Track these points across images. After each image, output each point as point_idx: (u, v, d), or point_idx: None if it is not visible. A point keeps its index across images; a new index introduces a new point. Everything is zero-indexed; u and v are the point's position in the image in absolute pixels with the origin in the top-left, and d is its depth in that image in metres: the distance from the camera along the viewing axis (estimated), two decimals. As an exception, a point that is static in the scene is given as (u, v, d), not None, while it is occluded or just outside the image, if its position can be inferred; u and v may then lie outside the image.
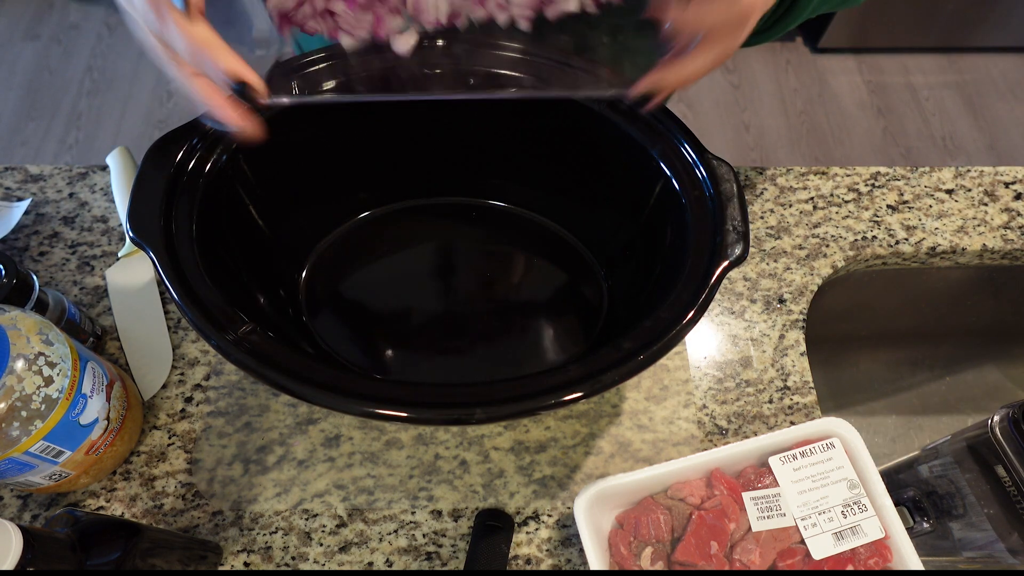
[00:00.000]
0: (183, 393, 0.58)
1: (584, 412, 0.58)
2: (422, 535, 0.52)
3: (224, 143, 0.49)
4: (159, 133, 1.74)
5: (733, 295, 0.64)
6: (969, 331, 0.82)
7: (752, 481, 0.50)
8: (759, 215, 0.69)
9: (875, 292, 0.73)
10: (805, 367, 0.60)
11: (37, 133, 1.83)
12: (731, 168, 0.49)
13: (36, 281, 0.54)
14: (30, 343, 0.44)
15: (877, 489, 0.49)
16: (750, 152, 1.83)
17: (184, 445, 0.55)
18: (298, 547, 0.52)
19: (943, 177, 0.72)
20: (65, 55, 1.98)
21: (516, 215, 0.66)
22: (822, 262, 0.66)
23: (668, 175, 0.50)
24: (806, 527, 0.48)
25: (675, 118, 0.51)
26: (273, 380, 0.39)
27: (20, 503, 0.53)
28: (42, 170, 0.70)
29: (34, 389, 0.43)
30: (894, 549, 0.48)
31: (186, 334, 0.61)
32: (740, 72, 1.99)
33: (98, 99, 1.89)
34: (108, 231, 0.66)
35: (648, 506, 0.49)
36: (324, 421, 0.57)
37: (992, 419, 0.50)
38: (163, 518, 0.52)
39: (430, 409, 0.39)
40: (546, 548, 0.52)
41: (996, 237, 0.68)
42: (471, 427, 0.57)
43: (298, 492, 0.54)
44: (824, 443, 0.51)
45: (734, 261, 0.45)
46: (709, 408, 0.58)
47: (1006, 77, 1.98)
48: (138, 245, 0.43)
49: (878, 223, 0.69)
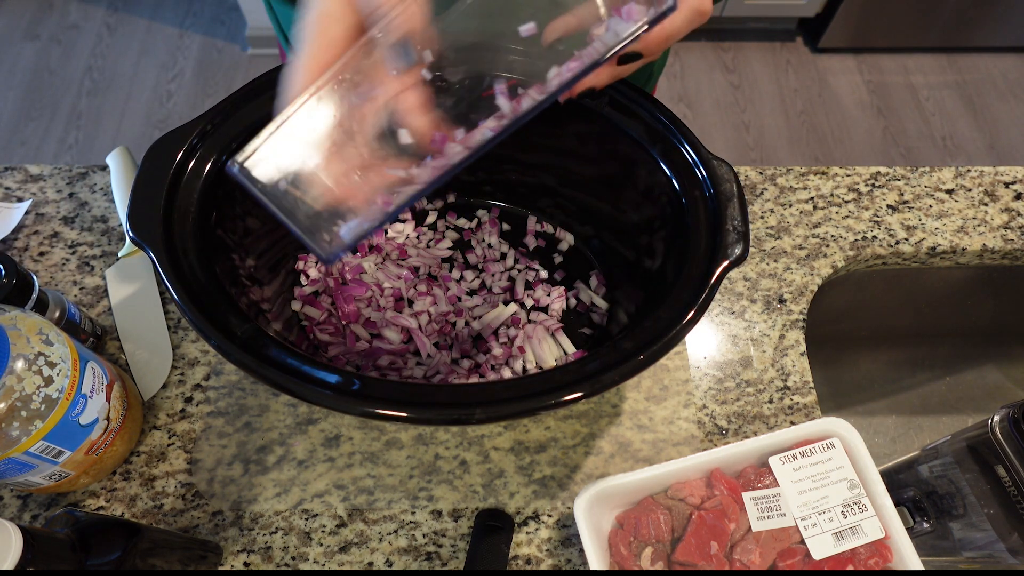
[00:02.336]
0: (183, 393, 0.58)
1: (584, 412, 0.58)
2: (422, 535, 0.52)
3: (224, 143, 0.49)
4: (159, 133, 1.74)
5: (733, 295, 0.64)
6: (969, 331, 0.82)
7: (752, 481, 0.50)
8: (759, 215, 0.69)
9: (875, 292, 0.73)
10: (805, 367, 0.60)
11: (37, 133, 1.83)
12: (731, 168, 0.49)
13: (36, 281, 0.54)
14: (30, 343, 0.44)
15: (877, 489, 0.49)
16: (750, 152, 1.83)
17: (184, 445, 0.55)
18: (298, 547, 0.52)
19: (943, 177, 0.72)
20: (65, 55, 1.98)
21: (515, 215, 0.66)
22: (822, 262, 0.66)
23: (668, 175, 0.50)
24: (806, 527, 0.48)
25: (675, 118, 0.51)
26: (273, 380, 0.39)
27: (20, 503, 0.53)
28: (42, 170, 0.70)
29: (34, 389, 0.43)
30: (894, 549, 0.48)
31: (186, 334, 0.61)
32: (740, 72, 1.99)
33: (98, 99, 1.89)
34: (108, 231, 0.66)
35: (648, 506, 0.49)
36: (324, 421, 0.57)
37: (992, 419, 0.50)
38: (163, 518, 0.52)
39: (430, 409, 0.39)
40: (546, 548, 0.52)
41: (996, 237, 0.68)
42: (471, 427, 0.57)
43: (298, 492, 0.54)
44: (824, 443, 0.51)
45: (734, 261, 0.45)
46: (709, 408, 0.58)
47: (1006, 77, 1.98)
48: (138, 245, 0.43)
49: (878, 223, 0.69)
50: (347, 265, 0.61)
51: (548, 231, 0.65)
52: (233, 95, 0.50)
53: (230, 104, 0.50)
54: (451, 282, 0.61)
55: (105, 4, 2.09)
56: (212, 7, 2.09)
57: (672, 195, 0.50)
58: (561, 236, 0.64)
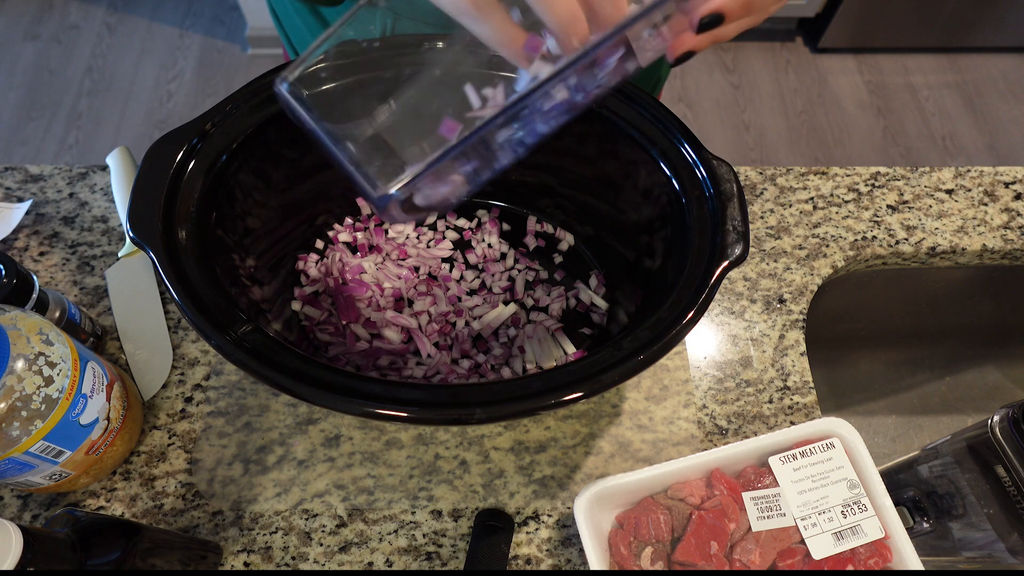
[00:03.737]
0: (183, 393, 0.58)
1: (584, 412, 0.58)
2: (422, 535, 0.52)
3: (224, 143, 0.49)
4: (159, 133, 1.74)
5: (733, 295, 0.64)
6: (969, 331, 0.82)
7: (752, 481, 0.50)
8: (759, 215, 0.69)
9: (875, 292, 0.73)
10: (805, 367, 0.60)
11: (37, 133, 1.83)
12: (731, 168, 0.49)
13: (36, 281, 0.54)
14: (30, 343, 0.44)
15: (877, 489, 0.49)
16: (750, 152, 1.83)
17: (184, 445, 0.55)
18: (298, 547, 0.52)
19: (943, 177, 0.72)
20: (65, 55, 1.98)
21: (515, 215, 0.66)
22: (822, 262, 0.66)
23: (668, 175, 0.50)
24: (806, 527, 0.48)
25: (675, 118, 0.51)
26: (273, 380, 0.39)
27: (20, 503, 0.53)
28: (42, 170, 0.70)
29: (34, 389, 0.43)
30: (894, 549, 0.48)
31: (186, 334, 0.61)
32: (740, 72, 1.99)
33: (98, 99, 1.89)
34: (108, 231, 0.66)
35: (648, 506, 0.49)
36: (324, 421, 0.57)
37: (992, 419, 0.50)
38: (163, 518, 0.52)
39: (430, 409, 0.39)
40: (546, 548, 0.52)
41: (996, 237, 0.68)
42: (471, 427, 0.57)
43: (298, 492, 0.54)
44: (824, 443, 0.51)
45: (734, 261, 0.45)
46: (709, 408, 0.58)
47: (1006, 77, 1.98)
48: (138, 245, 0.43)
49: (878, 223, 0.69)
50: (347, 265, 0.61)
51: (548, 231, 0.65)
52: (233, 95, 0.50)
53: (230, 104, 0.50)
54: (451, 282, 0.61)
55: (105, 4, 2.09)
56: (212, 7, 2.09)
57: (672, 195, 0.50)
58: (561, 236, 0.64)
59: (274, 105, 0.50)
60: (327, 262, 0.61)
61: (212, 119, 0.49)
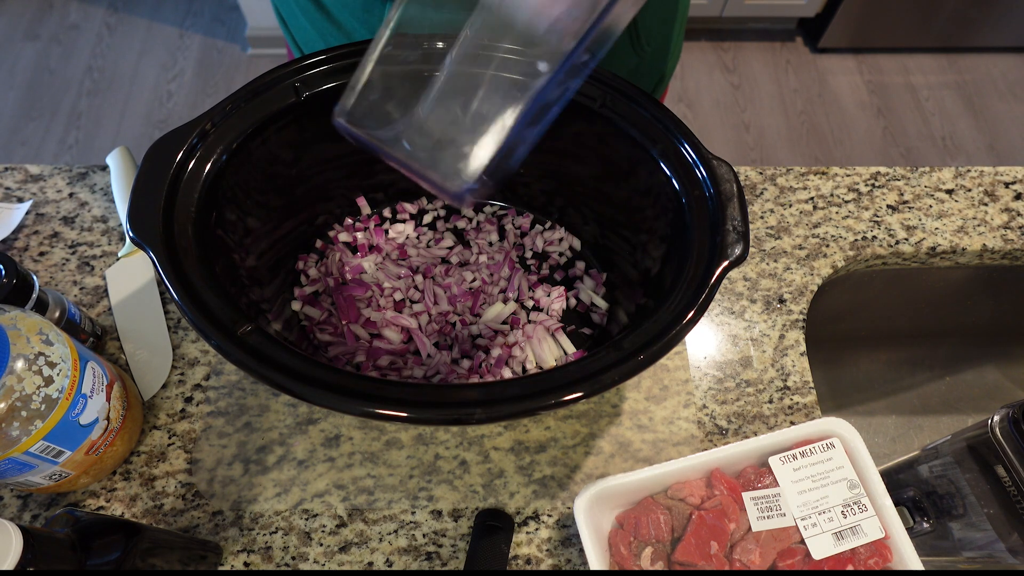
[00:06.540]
0: (183, 393, 0.58)
1: (584, 412, 0.58)
2: (422, 535, 0.52)
3: (224, 143, 0.49)
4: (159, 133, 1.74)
5: (733, 295, 0.64)
6: (969, 331, 0.82)
7: (752, 481, 0.50)
8: (759, 215, 0.69)
9: (875, 292, 0.73)
10: (805, 367, 0.60)
11: (37, 133, 1.83)
12: (731, 168, 0.49)
13: (36, 281, 0.54)
14: (30, 343, 0.44)
15: (877, 489, 0.49)
16: (750, 152, 1.83)
17: (184, 445, 0.55)
18: (298, 547, 0.52)
19: (943, 177, 0.72)
20: (65, 55, 1.98)
21: (515, 215, 0.66)
22: (822, 262, 0.66)
23: (668, 175, 0.50)
24: (806, 527, 0.48)
25: (675, 118, 0.51)
26: (273, 380, 0.39)
27: (20, 503, 0.53)
28: (42, 170, 0.70)
29: (34, 389, 0.43)
30: (894, 549, 0.48)
31: (186, 334, 0.61)
32: (740, 72, 1.99)
33: (98, 99, 1.89)
34: (108, 231, 0.66)
35: (648, 506, 0.49)
36: (324, 421, 0.57)
37: (992, 419, 0.50)
38: (163, 518, 0.52)
39: (430, 409, 0.39)
40: (546, 548, 0.52)
41: (996, 237, 0.68)
42: (471, 427, 0.57)
43: (298, 492, 0.54)
44: (824, 443, 0.51)
45: (734, 261, 0.45)
46: (709, 408, 0.58)
47: (1006, 77, 1.98)
48: (138, 245, 0.43)
49: (878, 223, 0.69)
50: (347, 265, 0.61)
51: (548, 231, 0.65)
52: (233, 95, 0.50)
53: (230, 104, 0.50)
54: (451, 282, 0.61)
55: (105, 4, 2.09)
56: (212, 7, 2.09)
57: (672, 195, 0.50)
58: (561, 236, 0.64)
59: (274, 105, 0.51)
60: (327, 262, 0.61)
61: (212, 119, 0.49)
